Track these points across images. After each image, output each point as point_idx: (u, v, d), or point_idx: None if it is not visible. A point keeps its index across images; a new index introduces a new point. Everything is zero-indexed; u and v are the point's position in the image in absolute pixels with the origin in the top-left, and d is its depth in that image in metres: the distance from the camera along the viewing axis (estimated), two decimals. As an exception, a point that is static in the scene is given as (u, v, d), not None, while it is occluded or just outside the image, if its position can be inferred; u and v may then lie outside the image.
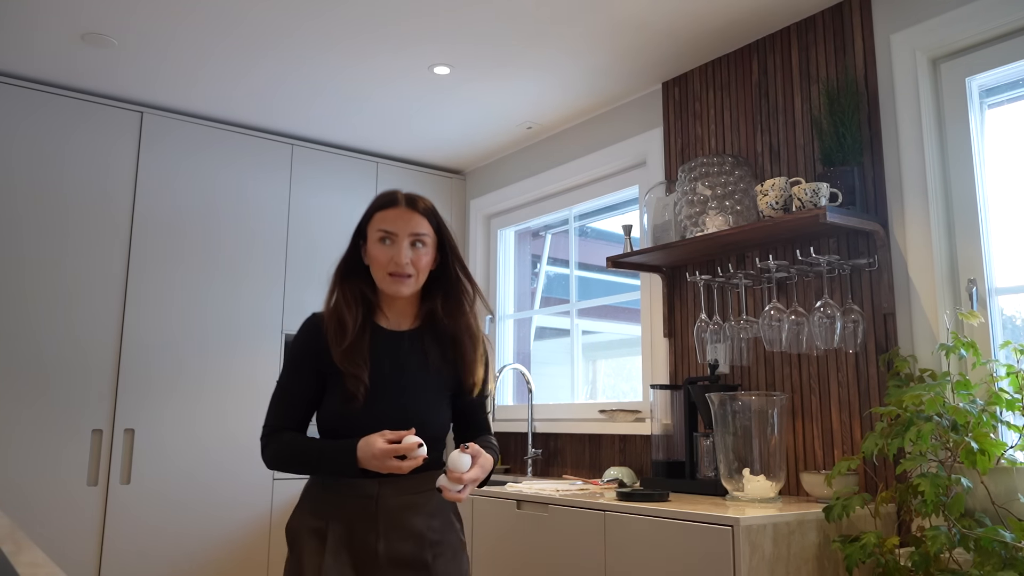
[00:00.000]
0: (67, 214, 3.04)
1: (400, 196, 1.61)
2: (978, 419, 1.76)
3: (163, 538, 3.06)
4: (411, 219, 1.58)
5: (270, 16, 2.55)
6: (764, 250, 2.50)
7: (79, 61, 2.91)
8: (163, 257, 3.22)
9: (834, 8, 2.43)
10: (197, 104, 3.28)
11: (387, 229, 1.57)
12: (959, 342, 1.90)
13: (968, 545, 1.72)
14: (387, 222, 1.58)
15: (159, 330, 3.17)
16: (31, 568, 1.02)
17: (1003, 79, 2.13)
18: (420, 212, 1.60)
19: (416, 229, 1.58)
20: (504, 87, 3.09)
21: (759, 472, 2.13)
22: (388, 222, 1.58)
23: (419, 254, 1.58)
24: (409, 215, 1.58)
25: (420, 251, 1.58)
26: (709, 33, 2.64)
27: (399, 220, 1.57)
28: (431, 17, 2.56)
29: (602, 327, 3.54)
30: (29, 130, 3.01)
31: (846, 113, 2.26)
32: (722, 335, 2.53)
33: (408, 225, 1.57)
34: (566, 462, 3.24)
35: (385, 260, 1.56)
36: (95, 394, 3.01)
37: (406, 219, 1.58)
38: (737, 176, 2.49)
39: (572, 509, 2.20)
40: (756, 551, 1.77)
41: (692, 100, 2.89)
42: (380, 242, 1.57)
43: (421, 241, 1.58)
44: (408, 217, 1.58)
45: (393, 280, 1.57)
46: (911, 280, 2.15)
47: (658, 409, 2.67)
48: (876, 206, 2.26)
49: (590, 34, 2.66)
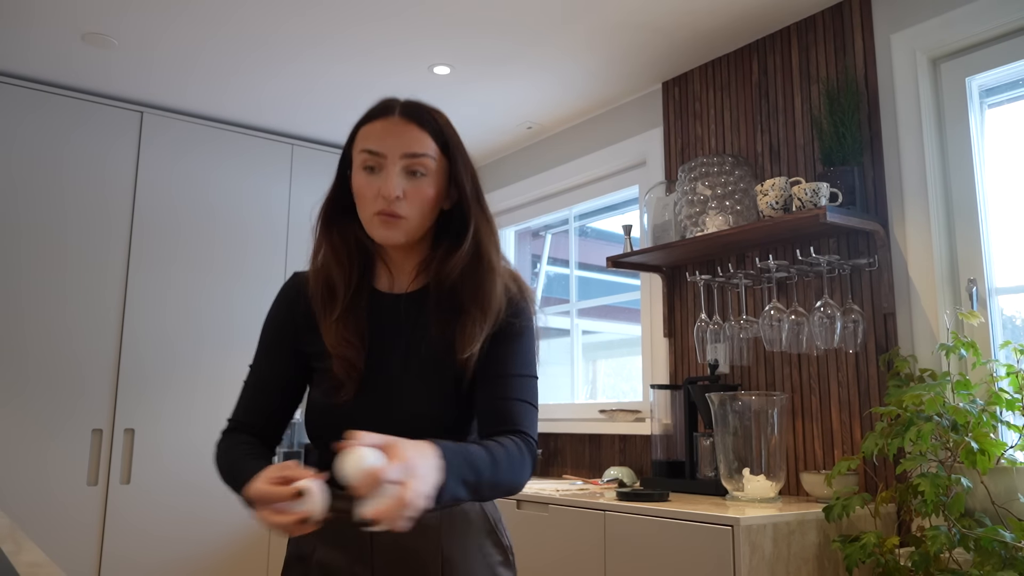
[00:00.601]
0: (67, 214, 3.04)
1: (396, 103, 1.16)
2: (978, 419, 1.76)
3: (163, 538, 3.06)
4: (405, 134, 1.12)
5: (270, 16, 2.55)
6: (764, 250, 2.50)
7: (79, 61, 2.91)
8: (163, 256, 3.22)
9: (834, 8, 2.43)
10: (197, 104, 3.28)
11: (372, 149, 1.12)
12: (959, 342, 1.90)
13: (968, 545, 1.72)
14: (372, 139, 1.12)
15: (159, 330, 3.17)
16: (31, 568, 1.02)
17: (1003, 79, 2.13)
18: (420, 124, 1.13)
19: (412, 148, 1.11)
20: (504, 87, 3.09)
21: (759, 472, 2.13)
22: (374, 139, 1.12)
23: (417, 185, 1.12)
24: (404, 128, 1.12)
25: (419, 181, 1.12)
26: (709, 33, 2.64)
27: (388, 136, 1.12)
28: (431, 17, 2.56)
29: (602, 327, 3.54)
30: (29, 130, 3.01)
31: (846, 113, 2.26)
32: (722, 335, 2.53)
33: (401, 142, 1.11)
34: (566, 462, 3.24)
35: (371, 195, 1.12)
36: (95, 394, 3.01)
37: (398, 134, 1.12)
38: (737, 176, 2.49)
39: (572, 509, 2.20)
40: (756, 551, 1.77)
41: (692, 100, 2.89)
42: (365, 169, 1.13)
43: (421, 166, 1.12)
44: (401, 131, 1.12)
45: (381, 222, 1.11)
46: (911, 280, 2.15)
47: (658, 409, 2.67)
48: (876, 206, 2.26)
49: (590, 34, 2.66)
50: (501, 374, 1.13)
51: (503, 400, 1.12)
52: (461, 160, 1.17)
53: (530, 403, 1.13)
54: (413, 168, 1.12)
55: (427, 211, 1.14)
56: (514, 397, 1.12)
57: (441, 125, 1.16)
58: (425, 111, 1.16)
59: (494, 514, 1.23)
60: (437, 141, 1.15)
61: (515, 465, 1.05)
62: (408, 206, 1.12)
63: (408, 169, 1.12)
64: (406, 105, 1.16)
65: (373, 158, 1.12)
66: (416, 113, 1.15)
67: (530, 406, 1.13)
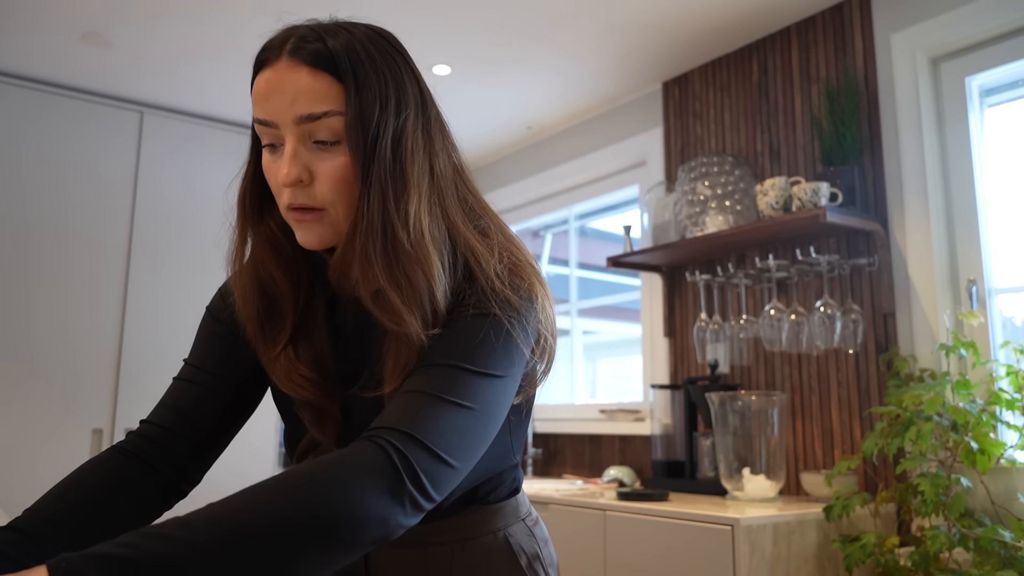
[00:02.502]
0: (67, 213, 3.04)
1: (286, 37, 0.78)
2: (978, 419, 1.76)
3: (163, 538, 3.06)
4: (292, 85, 0.75)
5: (269, 16, 2.55)
6: (764, 250, 2.50)
7: (79, 61, 2.91)
8: (163, 256, 3.22)
9: (834, 8, 2.43)
10: (197, 103, 3.28)
11: (259, 117, 0.77)
12: (959, 342, 1.90)
13: (968, 545, 1.72)
14: (258, 101, 0.77)
15: (159, 329, 3.17)
16: (31, 568, 1.02)
17: (1003, 79, 2.13)
18: (312, 64, 0.75)
19: (304, 107, 0.74)
20: (504, 87, 3.09)
21: (759, 472, 2.13)
22: (259, 101, 0.77)
23: (328, 158, 0.76)
24: (292, 76, 0.75)
25: (331, 151, 0.76)
26: (709, 33, 2.64)
27: (274, 93, 0.75)
28: (431, 16, 2.56)
29: (602, 327, 3.54)
30: (29, 129, 3.01)
31: (846, 113, 2.26)
32: (722, 335, 2.53)
33: (289, 100, 0.75)
34: (566, 462, 3.24)
35: (275, 183, 0.79)
36: (95, 394, 3.01)
37: (284, 88, 0.75)
38: (737, 176, 2.49)
39: (572, 509, 2.20)
40: (756, 551, 1.77)
41: (692, 100, 2.89)
42: (266, 148, 0.79)
43: (324, 131, 0.75)
44: (288, 82, 0.75)
45: (295, 220, 0.79)
46: (911, 280, 2.15)
47: (658, 409, 2.67)
48: (876, 206, 2.26)
49: (590, 34, 2.66)
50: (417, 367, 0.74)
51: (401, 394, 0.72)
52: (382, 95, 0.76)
53: (435, 395, 0.69)
54: (315, 135, 0.75)
55: (346, 191, 0.76)
56: (411, 389, 0.71)
57: (350, 53, 0.75)
58: (321, 38, 0.75)
59: (530, 548, 0.91)
60: (346, 81, 0.74)
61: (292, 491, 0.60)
62: (324, 190, 0.76)
63: (311, 138, 0.76)
64: (298, 37, 0.77)
65: (266, 130, 0.77)
66: (308, 47, 0.75)
67: (433, 399, 0.69)
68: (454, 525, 0.87)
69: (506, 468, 0.90)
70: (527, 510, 0.96)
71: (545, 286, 0.84)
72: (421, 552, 0.86)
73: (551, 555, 0.95)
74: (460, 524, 0.87)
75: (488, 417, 0.72)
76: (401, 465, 0.64)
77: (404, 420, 0.67)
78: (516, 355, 0.76)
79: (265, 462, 3.32)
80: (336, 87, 0.75)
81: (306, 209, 0.77)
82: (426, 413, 0.68)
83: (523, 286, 0.80)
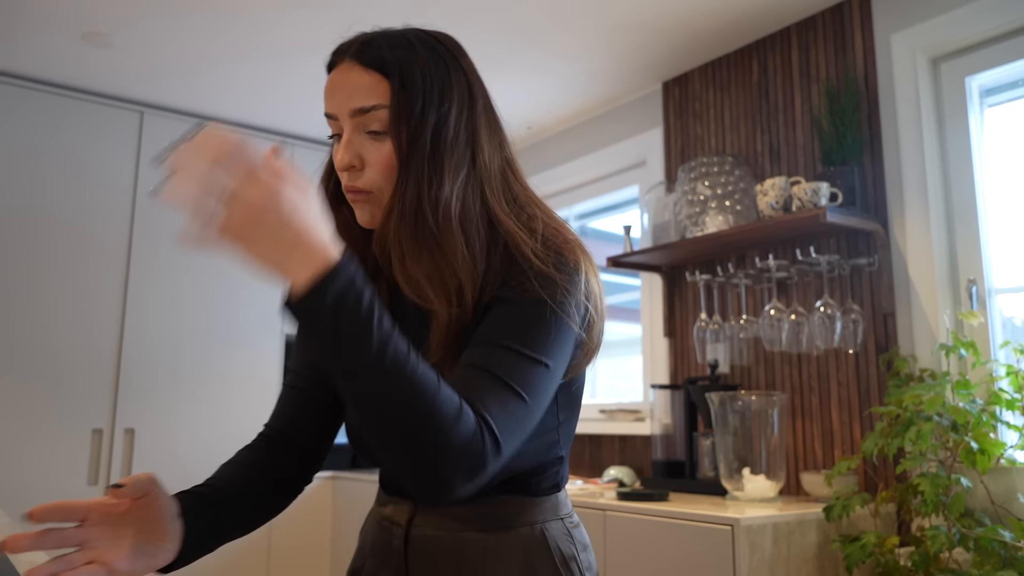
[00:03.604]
0: (67, 213, 3.04)
1: (353, 42, 0.88)
2: (978, 419, 1.76)
3: (163, 538, 3.06)
4: (350, 83, 0.84)
5: (269, 16, 2.55)
6: (764, 250, 2.50)
7: (79, 61, 2.91)
8: (163, 256, 3.22)
9: (834, 8, 2.43)
10: (197, 103, 3.28)
11: (326, 111, 0.88)
12: (959, 342, 1.90)
13: (968, 545, 1.72)
14: (326, 98, 0.87)
15: (159, 330, 3.17)
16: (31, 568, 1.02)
17: (1003, 79, 2.13)
18: (366, 65, 0.84)
19: (357, 101, 0.84)
20: (504, 87, 3.09)
21: (759, 472, 2.13)
22: (327, 98, 0.87)
23: (378, 147, 0.84)
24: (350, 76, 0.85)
25: (379, 141, 0.84)
26: (709, 33, 2.64)
27: (337, 90, 0.86)
28: (431, 17, 2.56)
29: (602, 327, 3.54)
30: (29, 129, 3.01)
31: (846, 113, 2.26)
32: (722, 335, 2.53)
33: (346, 96, 0.84)
34: (566, 462, 3.24)
35: (337, 169, 0.88)
36: (95, 394, 3.01)
37: (344, 85, 0.85)
38: (737, 176, 2.49)
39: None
40: (756, 551, 1.77)
41: (692, 100, 2.89)
42: (333, 138, 0.90)
43: (374, 122, 0.84)
44: (347, 81, 0.85)
45: (352, 202, 0.88)
46: (911, 280, 2.15)
47: (658, 409, 2.67)
48: (876, 206, 2.26)
49: (590, 34, 2.66)
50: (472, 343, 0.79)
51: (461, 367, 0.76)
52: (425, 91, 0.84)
53: (498, 376, 0.74)
54: (367, 126, 0.84)
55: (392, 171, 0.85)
56: (473, 363, 0.76)
57: (398, 54, 0.85)
58: (377, 43, 0.85)
59: (568, 547, 0.90)
60: (393, 79, 0.83)
61: (443, 411, 0.67)
62: (372, 175, 0.84)
63: (364, 128, 0.84)
64: (361, 43, 0.86)
65: (332, 123, 0.87)
66: (365, 51, 0.85)
67: (496, 380, 0.74)
68: (492, 513, 0.88)
69: (551, 460, 0.91)
70: (568, 510, 0.95)
71: (593, 265, 0.88)
72: (456, 536, 0.88)
73: (590, 561, 0.93)
74: (499, 513, 0.88)
75: (538, 408, 0.77)
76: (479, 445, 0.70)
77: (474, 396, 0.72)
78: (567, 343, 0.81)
79: (265, 462, 3.32)
80: (384, 83, 0.84)
81: (358, 191, 0.86)
82: (492, 394, 0.73)
83: (567, 261, 0.84)
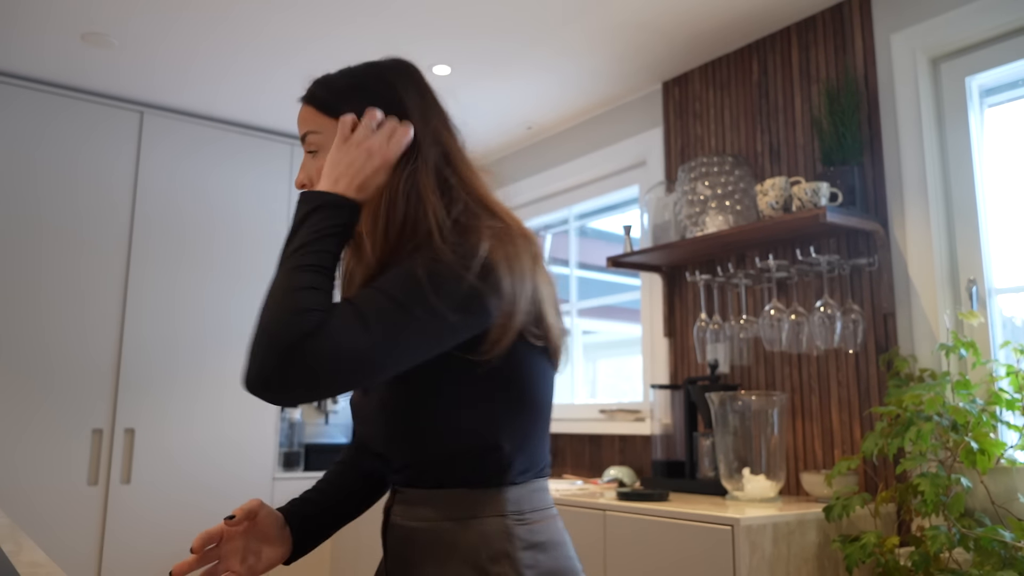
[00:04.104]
0: (67, 213, 3.04)
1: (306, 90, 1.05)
2: (978, 419, 1.76)
3: (163, 538, 3.06)
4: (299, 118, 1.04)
5: (269, 16, 2.55)
6: (764, 250, 2.50)
7: (79, 61, 2.91)
8: (163, 256, 3.22)
9: (834, 8, 2.43)
10: (197, 104, 3.28)
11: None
12: (959, 342, 1.90)
13: (968, 545, 1.72)
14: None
15: (159, 330, 3.17)
16: (31, 568, 1.03)
17: (1003, 79, 2.13)
18: (307, 101, 1.02)
19: (301, 129, 1.02)
20: (504, 87, 3.09)
21: (759, 472, 2.13)
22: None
23: (317, 164, 1.01)
24: (300, 113, 1.04)
25: (317, 159, 1.01)
26: (709, 33, 2.64)
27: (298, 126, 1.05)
28: (431, 17, 2.56)
29: (602, 327, 3.54)
30: (29, 129, 3.01)
31: (846, 113, 2.26)
32: (722, 335, 2.53)
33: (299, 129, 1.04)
34: (566, 462, 3.24)
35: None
36: (95, 394, 3.01)
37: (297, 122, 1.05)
38: (737, 176, 2.49)
39: (572, 509, 2.20)
40: (756, 551, 1.77)
41: (692, 100, 2.89)
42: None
43: (312, 146, 1.01)
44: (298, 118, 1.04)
45: None
46: (911, 280, 2.15)
47: (658, 409, 2.67)
48: (876, 206, 2.26)
49: (590, 34, 2.66)
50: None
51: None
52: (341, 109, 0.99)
53: (357, 307, 0.83)
54: (308, 149, 1.01)
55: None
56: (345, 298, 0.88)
57: (327, 89, 1.01)
58: (315, 83, 1.03)
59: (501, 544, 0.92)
60: (323, 109, 1.00)
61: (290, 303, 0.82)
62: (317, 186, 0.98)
63: (307, 151, 1.02)
64: (310, 85, 1.04)
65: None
66: (308, 91, 1.03)
67: (352, 309, 0.83)
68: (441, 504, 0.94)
69: (483, 448, 0.93)
70: (516, 508, 0.94)
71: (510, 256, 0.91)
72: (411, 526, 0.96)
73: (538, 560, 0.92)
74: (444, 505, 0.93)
75: (383, 338, 0.83)
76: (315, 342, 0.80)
77: (330, 312, 0.83)
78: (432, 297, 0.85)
79: (265, 462, 3.32)
80: (317, 115, 1.01)
81: None
82: (341, 313, 0.83)
83: (465, 243, 0.90)
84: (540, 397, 0.96)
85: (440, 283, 0.86)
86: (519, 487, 0.95)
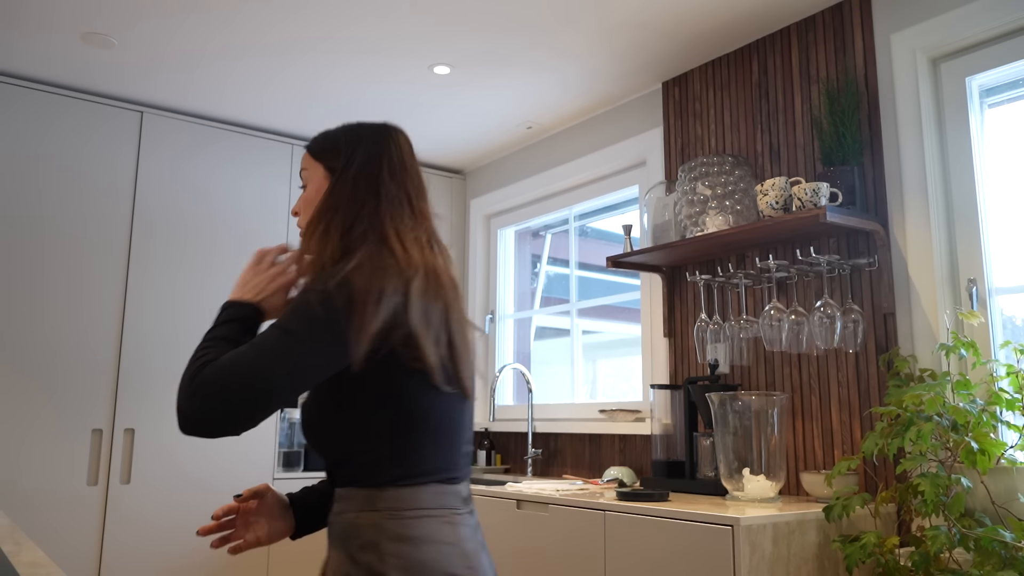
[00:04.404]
0: (67, 213, 3.04)
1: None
2: (978, 419, 1.76)
3: (163, 538, 3.06)
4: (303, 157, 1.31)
5: (269, 16, 2.55)
6: (764, 250, 2.50)
7: (79, 61, 2.91)
8: (163, 257, 3.22)
9: (834, 8, 2.43)
10: (197, 104, 3.28)
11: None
12: (959, 342, 1.90)
13: (968, 545, 1.72)
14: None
15: (159, 329, 3.17)
16: (31, 568, 1.02)
17: (1003, 79, 2.13)
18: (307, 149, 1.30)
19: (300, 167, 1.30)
20: (504, 87, 3.09)
21: (759, 472, 2.13)
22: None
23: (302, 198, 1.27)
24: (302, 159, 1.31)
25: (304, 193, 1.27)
26: (709, 33, 2.64)
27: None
28: (431, 16, 2.56)
29: (602, 327, 3.54)
30: (28, 130, 3.01)
31: (846, 113, 2.26)
32: (722, 335, 2.53)
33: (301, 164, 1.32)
34: (566, 462, 3.24)
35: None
36: (95, 394, 3.01)
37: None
38: (737, 176, 2.49)
39: (572, 509, 2.20)
40: (756, 551, 1.77)
41: (692, 100, 2.89)
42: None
43: (303, 180, 1.28)
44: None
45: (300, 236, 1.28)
46: (911, 280, 2.15)
47: (658, 409, 2.67)
48: (876, 206, 2.26)
49: (590, 34, 2.66)
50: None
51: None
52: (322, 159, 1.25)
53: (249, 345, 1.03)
54: (301, 184, 1.29)
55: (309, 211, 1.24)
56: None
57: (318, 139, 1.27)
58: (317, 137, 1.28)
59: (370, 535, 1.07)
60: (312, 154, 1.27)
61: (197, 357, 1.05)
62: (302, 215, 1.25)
63: (300, 187, 1.30)
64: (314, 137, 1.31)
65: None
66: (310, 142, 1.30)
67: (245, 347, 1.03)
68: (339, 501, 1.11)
69: (364, 455, 1.08)
70: (393, 505, 1.07)
71: (357, 289, 1.04)
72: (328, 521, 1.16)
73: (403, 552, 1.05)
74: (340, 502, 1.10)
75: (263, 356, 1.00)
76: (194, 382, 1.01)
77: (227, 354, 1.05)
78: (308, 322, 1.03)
79: (265, 462, 3.32)
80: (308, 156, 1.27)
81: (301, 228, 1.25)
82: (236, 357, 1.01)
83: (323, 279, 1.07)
84: (421, 414, 1.08)
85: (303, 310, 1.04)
86: (399, 489, 1.07)
